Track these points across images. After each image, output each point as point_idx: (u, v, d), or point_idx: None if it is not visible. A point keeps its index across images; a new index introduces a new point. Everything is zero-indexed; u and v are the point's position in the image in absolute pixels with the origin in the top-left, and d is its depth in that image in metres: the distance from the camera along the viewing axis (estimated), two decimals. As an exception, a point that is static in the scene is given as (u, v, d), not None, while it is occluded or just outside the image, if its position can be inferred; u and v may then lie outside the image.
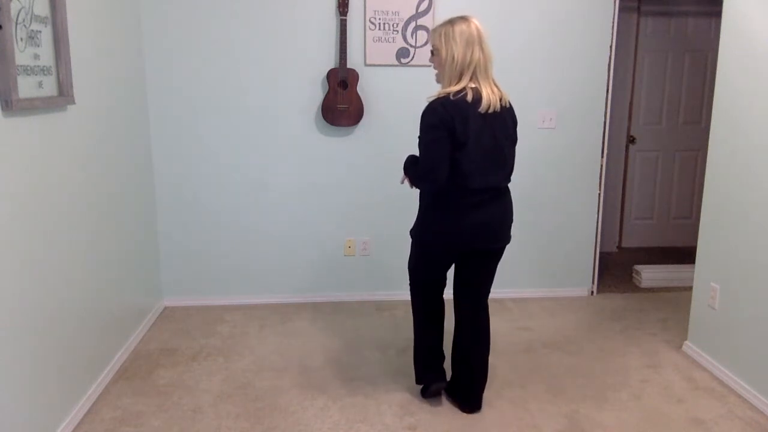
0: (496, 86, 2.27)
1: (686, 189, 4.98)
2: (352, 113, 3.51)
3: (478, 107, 2.19)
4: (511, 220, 2.42)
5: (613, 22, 3.63)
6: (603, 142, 3.77)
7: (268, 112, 3.55)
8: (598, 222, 3.88)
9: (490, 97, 2.20)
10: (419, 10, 3.49)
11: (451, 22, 2.25)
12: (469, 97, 2.18)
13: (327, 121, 3.51)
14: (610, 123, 3.82)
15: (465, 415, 2.50)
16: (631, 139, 4.83)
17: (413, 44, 3.52)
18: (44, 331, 2.19)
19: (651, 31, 4.68)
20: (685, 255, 4.66)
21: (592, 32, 3.63)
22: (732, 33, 2.76)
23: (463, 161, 2.20)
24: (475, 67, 2.21)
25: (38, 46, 2.15)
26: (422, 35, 3.52)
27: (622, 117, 4.76)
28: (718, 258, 2.88)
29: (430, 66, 3.55)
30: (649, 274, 4.12)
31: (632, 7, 4.55)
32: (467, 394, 2.53)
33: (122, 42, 3.07)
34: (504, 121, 2.28)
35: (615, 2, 3.60)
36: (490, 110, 2.21)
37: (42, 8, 2.18)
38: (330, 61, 3.51)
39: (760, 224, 2.59)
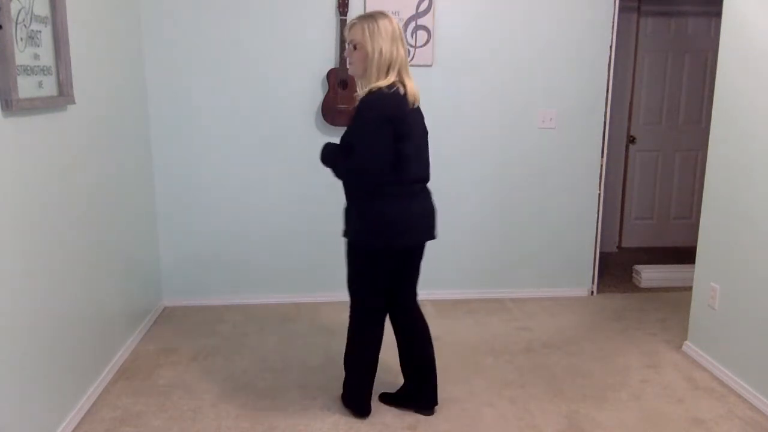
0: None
1: (686, 189, 4.98)
2: (352, 113, 3.49)
3: (408, 101, 2.22)
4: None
5: (613, 22, 3.63)
6: (603, 142, 3.77)
7: (267, 112, 3.55)
8: (598, 222, 3.88)
9: (414, 92, 2.23)
10: (419, 10, 3.49)
11: (373, 16, 2.20)
12: (402, 91, 2.20)
13: (327, 121, 3.50)
14: (610, 123, 3.82)
15: (465, 414, 2.50)
16: (631, 139, 4.83)
17: (413, 44, 3.52)
18: (44, 331, 2.19)
19: (651, 31, 4.68)
20: (685, 255, 4.66)
21: (592, 32, 3.63)
22: (732, 33, 2.76)
23: (406, 152, 2.20)
24: (399, 64, 2.21)
25: (38, 46, 2.15)
26: (422, 35, 3.52)
27: (622, 117, 4.76)
28: (718, 258, 2.87)
29: (430, 66, 3.59)
30: (649, 274, 4.12)
31: (632, 7, 4.55)
32: (425, 394, 2.49)
33: (122, 42, 3.07)
34: (422, 115, 2.32)
35: (615, 2, 3.60)
36: (415, 105, 2.24)
37: (42, 8, 2.18)
38: (330, 61, 3.51)
39: (760, 224, 2.59)
